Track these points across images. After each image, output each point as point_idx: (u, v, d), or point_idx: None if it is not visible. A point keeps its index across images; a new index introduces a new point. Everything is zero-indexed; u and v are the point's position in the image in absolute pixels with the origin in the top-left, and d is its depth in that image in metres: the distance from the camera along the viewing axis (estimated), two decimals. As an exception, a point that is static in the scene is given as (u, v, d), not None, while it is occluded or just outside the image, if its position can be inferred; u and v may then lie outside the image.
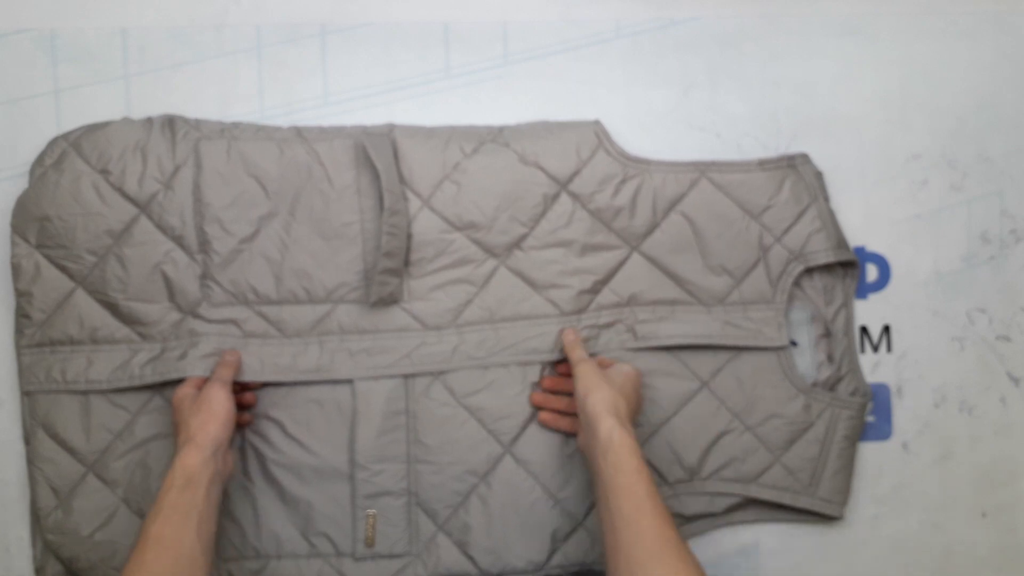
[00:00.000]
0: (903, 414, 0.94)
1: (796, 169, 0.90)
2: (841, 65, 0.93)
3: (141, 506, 0.83)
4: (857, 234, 0.93)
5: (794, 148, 0.92)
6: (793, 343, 0.91)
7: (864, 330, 0.93)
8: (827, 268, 0.91)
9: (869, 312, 0.93)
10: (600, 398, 0.75)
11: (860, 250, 0.93)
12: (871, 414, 0.93)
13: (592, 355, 0.85)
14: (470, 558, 0.85)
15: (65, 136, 0.85)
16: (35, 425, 0.84)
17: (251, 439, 0.85)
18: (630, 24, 0.92)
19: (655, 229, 0.89)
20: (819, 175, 0.90)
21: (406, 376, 0.86)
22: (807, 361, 0.91)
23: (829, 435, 0.88)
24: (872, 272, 0.93)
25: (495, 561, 0.85)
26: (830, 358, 0.91)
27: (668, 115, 0.92)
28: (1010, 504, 0.94)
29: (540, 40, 0.92)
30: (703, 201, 0.89)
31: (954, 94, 0.94)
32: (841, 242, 0.90)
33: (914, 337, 0.94)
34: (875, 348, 0.93)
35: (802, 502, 0.88)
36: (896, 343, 0.94)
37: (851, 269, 0.91)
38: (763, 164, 0.90)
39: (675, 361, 0.88)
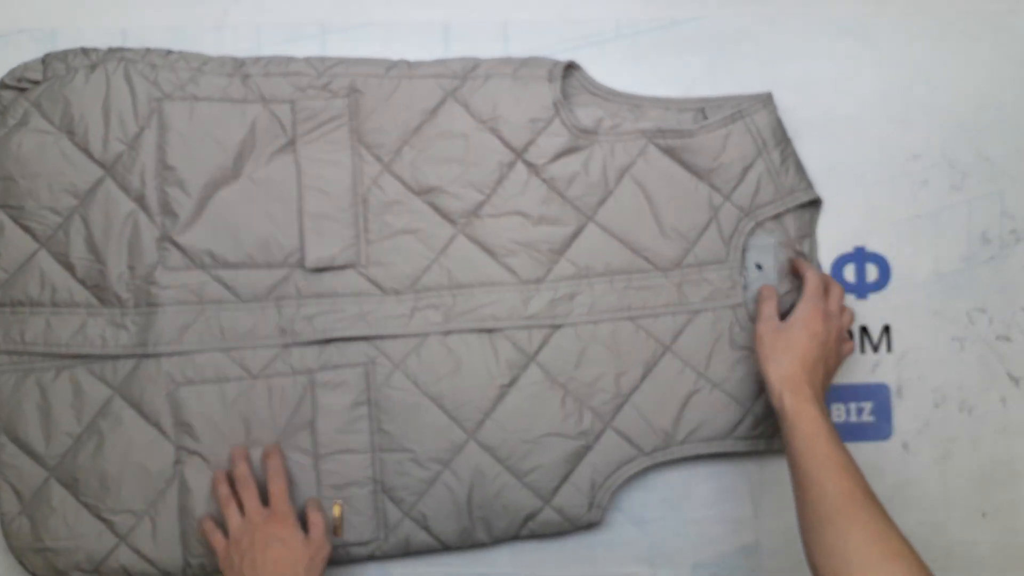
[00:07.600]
0: (903, 414, 0.94)
1: (743, 121, 0.89)
2: (841, 65, 0.93)
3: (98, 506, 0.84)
4: (857, 234, 0.93)
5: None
6: (758, 266, 0.90)
7: (864, 330, 0.93)
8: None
9: (869, 312, 0.93)
10: (773, 369, 0.80)
11: (860, 250, 0.93)
12: (871, 414, 0.93)
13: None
14: (436, 538, 0.87)
15: (26, 96, 0.85)
16: None
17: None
18: (630, 24, 0.92)
19: (608, 197, 0.89)
20: (771, 122, 0.89)
21: (366, 365, 0.86)
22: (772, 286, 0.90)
23: None
24: (872, 272, 0.93)
25: (464, 539, 0.87)
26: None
27: (668, 115, 0.92)
28: (1010, 504, 0.94)
29: (540, 40, 0.92)
30: (652, 166, 0.89)
31: (954, 94, 0.94)
32: (796, 185, 0.89)
33: (914, 337, 0.94)
34: (875, 348, 0.93)
35: (778, 445, 0.89)
36: (896, 343, 0.94)
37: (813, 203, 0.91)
38: (706, 126, 0.89)
39: (637, 329, 0.89)
